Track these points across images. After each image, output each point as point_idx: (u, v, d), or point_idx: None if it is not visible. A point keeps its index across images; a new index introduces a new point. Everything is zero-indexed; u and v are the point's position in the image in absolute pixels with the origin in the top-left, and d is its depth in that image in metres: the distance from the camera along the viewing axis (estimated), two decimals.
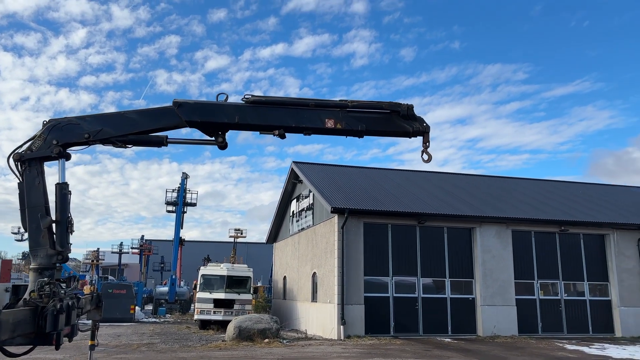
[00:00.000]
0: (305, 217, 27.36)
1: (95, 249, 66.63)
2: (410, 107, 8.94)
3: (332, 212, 21.71)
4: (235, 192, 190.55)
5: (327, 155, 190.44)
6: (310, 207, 26.59)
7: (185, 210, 45.59)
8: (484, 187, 29.54)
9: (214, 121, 8.55)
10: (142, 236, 65.49)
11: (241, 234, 63.57)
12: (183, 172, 44.37)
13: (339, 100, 8.94)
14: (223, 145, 8.86)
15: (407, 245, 22.87)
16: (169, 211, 47.16)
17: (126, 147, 8.69)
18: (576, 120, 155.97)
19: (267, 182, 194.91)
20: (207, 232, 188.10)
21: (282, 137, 8.77)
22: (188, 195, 45.60)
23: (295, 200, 29.89)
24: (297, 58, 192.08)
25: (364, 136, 9.19)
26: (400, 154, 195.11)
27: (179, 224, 42.71)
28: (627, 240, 25.61)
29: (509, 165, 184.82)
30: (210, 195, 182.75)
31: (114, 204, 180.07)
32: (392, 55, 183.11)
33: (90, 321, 10.57)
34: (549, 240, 24.92)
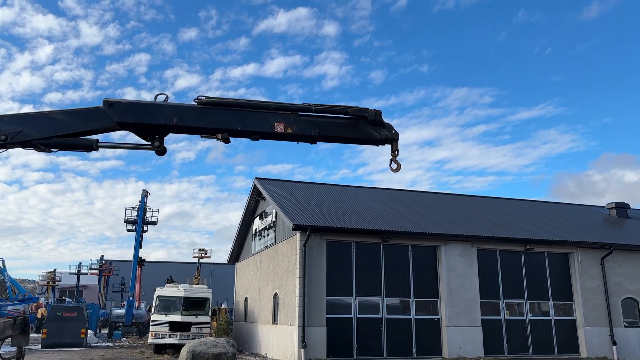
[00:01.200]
0: (268, 235, 26.46)
1: (52, 270, 63.82)
2: (378, 113, 8.36)
3: (293, 229, 20.91)
4: (203, 212, 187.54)
5: (297, 175, 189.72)
6: (272, 225, 25.72)
7: (145, 229, 44.04)
8: (449, 206, 29.24)
9: (149, 123, 7.74)
10: (102, 256, 63.16)
11: (205, 254, 61.91)
12: (143, 190, 42.96)
13: (302, 104, 8.28)
14: (161, 151, 8.05)
15: (371, 264, 22.19)
16: (129, 230, 45.41)
17: (50, 152, 7.77)
18: (540, 143, 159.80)
19: (236, 201, 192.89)
20: (174, 252, 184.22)
21: (226, 141, 8.02)
22: (149, 214, 44.07)
23: (258, 217, 28.97)
24: (268, 78, 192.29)
25: (328, 142, 8.66)
26: (370, 174, 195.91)
27: (138, 243, 41.08)
28: (590, 259, 25.53)
29: (475, 187, 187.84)
30: (177, 216, 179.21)
31: (78, 223, 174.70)
32: (363, 77, 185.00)
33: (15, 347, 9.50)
34: (514, 259, 24.63)
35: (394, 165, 8.37)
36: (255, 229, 29.28)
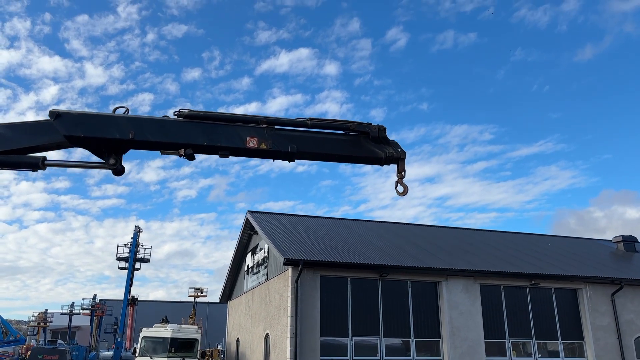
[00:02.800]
0: (260, 271, 25.22)
1: (44, 310, 61.91)
2: (382, 129, 7.44)
3: (285, 264, 19.72)
4: (203, 250, 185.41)
5: (299, 212, 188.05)
6: (264, 261, 24.52)
7: (138, 266, 42.70)
8: (451, 240, 28.07)
9: (102, 137, 6.79)
10: (95, 295, 61.34)
11: (202, 292, 60.29)
12: (135, 226, 41.79)
13: (296, 119, 7.38)
14: (118, 170, 7.07)
15: (368, 301, 20.88)
16: (121, 268, 44.07)
17: None
18: (541, 179, 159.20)
19: (237, 239, 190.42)
20: (173, 292, 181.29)
21: (190, 158, 7.05)
22: (141, 251, 42.82)
23: (250, 253, 27.78)
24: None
25: (322, 160, 7.72)
26: (371, 210, 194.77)
27: (129, 281, 39.63)
28: (600, 295, 24.19)
29: (477, 224, 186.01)
30: (178, 254, 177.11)
31: (77, 262, 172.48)
32: (363, 115, 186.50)
33: None
34: (519, 295, 23.30)
35: (401, 188, 7.38)
36: (248, 265, 28.04)
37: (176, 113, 7.12)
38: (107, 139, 6.80)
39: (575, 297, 24.15)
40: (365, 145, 7.45)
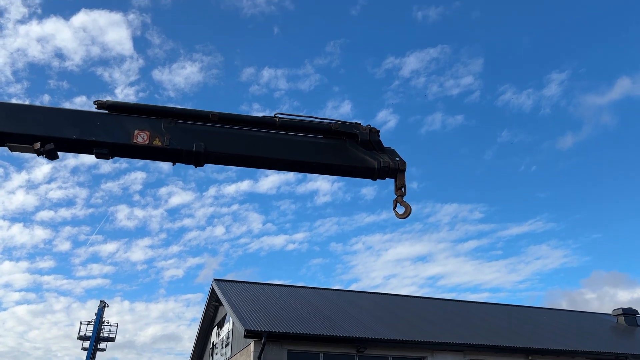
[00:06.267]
0: (225, 347, 22.39)
1: None
2: (374, 131, 5.77)
3: (245, 336, 17.13)
4: (188, 333, 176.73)
5: (272, 281, 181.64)
6: (229, 335, 21.79)
7: (103, 346, 39.10)
8: (438, 312, 25.58)
9: None
10: None
11: None
12: (101, 301, 38.65)
13: (263, 116, 5.74)
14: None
15: None
16: (84, 348, 40.32)
17: None
18: (532, 258, 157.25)
19: (202, 312, 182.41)
20: None
21: (51, 156, 5.19)
22: (106, 328, 39.40)
23: (216, 328, 24.97)
24: (262, 194, 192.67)
25: (284, 170, 5.91)
26: (363, 290, 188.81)
27: None
28: None
29: None
30: (163, 338, 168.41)
31: (55, 347, 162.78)
32: (354, 193, 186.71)
33: None
34: None
35: (401, 209, 5.68)
36: (213, 341, 25.12)
37: (96, 103, 5.45)
38: None
39: None
40: (353, 151, 5.75)
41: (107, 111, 5.38)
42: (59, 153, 5.25)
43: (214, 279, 24.15)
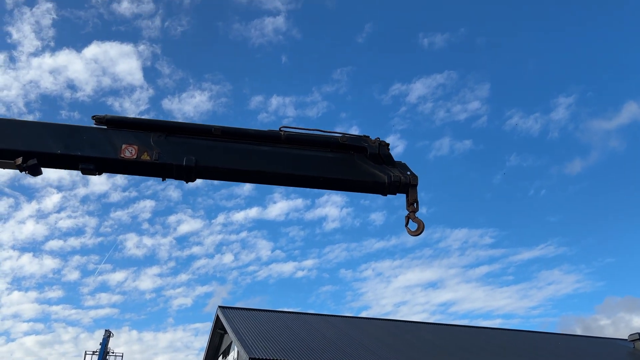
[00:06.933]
0: None
1: None
2: (384, 144, 5.48)
3: None
4: None
5: (278, 308, 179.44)
6: None
7: None
8: (449, 338, 24.85)
9: None
10: None
11: None
12: (106, 330, 38.02)
13: (267, 130, 5.47)
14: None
15: None
16: None
17: None
18: (545, 284, 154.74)
19: (207, 341, 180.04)
20: None
21: (34, 172, 4.94)
22: (111, 359, 38.70)
23: (221, 356, 24.39)
24: (270, 221, 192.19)
25: (280, 184, 5.77)
26: (374, 317, 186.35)
27: None
28: None
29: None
30: None
31: None
32: (363, 219, 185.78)
33: None
34: None
35: (413, 226, 5.31)
36: None
37: (94, 118, 5.27)
38: None
39: None
40: (362, 166, 5.46)
41: (105, 126, 5.20)
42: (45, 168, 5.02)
43: (219, 306, 23.68)
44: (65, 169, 5.19)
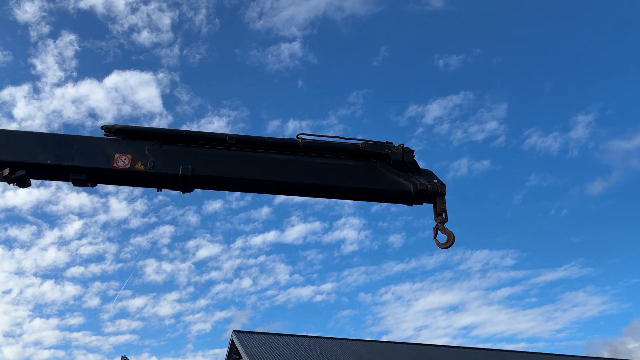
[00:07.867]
0: None
1: None
2: (408, 150, 5.17)
3: None
4: None
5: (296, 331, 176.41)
6: None
7: None
8: None
9: None
10: None
11: None
12: (122, 356, 37.59)
13: (284, 138, 5.26)
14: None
15: None
16: None
17: None
18: (569, 306, 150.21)
19: None
20: None
21: (22, 184, 4.73)
22: None
23: None
24: (288, 245, 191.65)
25: (296, 195, 5.41)
26: (394, 342, 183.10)
27: None
28: None
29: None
30: None
31: None
32: (381, 241, 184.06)
33: None
34: None
35: (443, 237, 5.02)
36: None
37: (103, 128, 5.10)
38: None
39: None
40: (385, 174, 5.14)
41: (115, 137, 5.03)
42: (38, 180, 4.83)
43: (234, 330, 23.21)
44: (55, 180, 4.99)
